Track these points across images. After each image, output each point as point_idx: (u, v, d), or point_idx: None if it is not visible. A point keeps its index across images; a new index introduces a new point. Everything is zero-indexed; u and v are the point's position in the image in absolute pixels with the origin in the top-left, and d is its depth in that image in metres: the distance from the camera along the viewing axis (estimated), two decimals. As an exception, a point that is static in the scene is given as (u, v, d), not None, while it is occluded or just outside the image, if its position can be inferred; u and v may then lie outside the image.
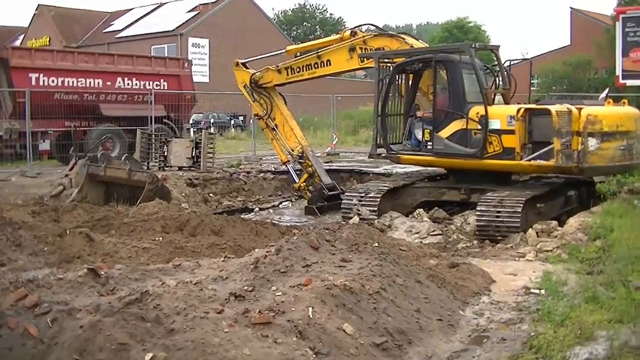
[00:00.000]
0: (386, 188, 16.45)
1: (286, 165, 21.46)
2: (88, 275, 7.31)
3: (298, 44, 20.77)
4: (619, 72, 29.10)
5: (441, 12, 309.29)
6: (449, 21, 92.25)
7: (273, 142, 21.33)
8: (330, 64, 19.28)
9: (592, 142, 14.53)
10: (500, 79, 17.12)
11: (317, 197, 19.91)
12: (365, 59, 18.35)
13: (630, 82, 29.70)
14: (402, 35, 18.14)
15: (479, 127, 15.55)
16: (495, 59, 17.40)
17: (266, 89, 20.85)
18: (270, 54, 21.59)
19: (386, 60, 17.64)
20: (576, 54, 67.84)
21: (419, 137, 16.95)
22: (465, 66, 16.20)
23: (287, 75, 20.25)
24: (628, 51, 28.59)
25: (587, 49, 65.30)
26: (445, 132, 16.24)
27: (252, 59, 22.06)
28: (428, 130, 16.63)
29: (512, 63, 17.98)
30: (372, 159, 19.42)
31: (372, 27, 19.06)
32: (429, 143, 16.59)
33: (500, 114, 15.46)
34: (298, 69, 19.97)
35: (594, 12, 78.21)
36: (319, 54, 19.40)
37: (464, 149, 15.87)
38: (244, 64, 21.55)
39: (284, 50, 21.35)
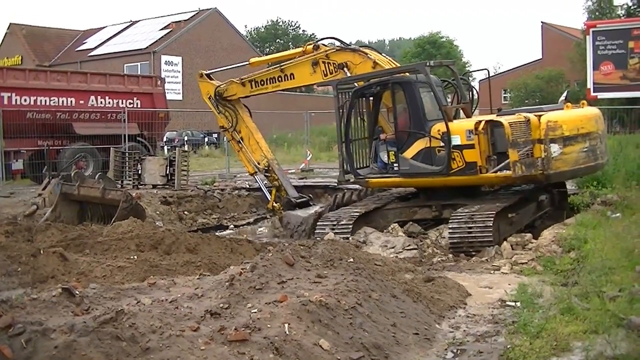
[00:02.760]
0: (358, 214, 16.37)
1: (254, 177, 21.32)
2: (62, 294, 7.27)
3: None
4: (590, 85, 29.47)
5: (414, 27, 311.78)
6: (421, 37, 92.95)
7: (239, 154, 21.14)
8: (293, 78, 19.13)
9: (555, 148, 14.58)
10: (460, 93, 17.27)
11: (287, 209, 19.85)
12: (328, 73, 18.26)
13: (601, 95, 30.05)
14: (365, 50, 18.03)
15: (442, 144, 15.58)
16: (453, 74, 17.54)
17: (231, 101, 20.71)
18: (233, 66, 21.45)
19: (345, 86, 17.69)
20: (548, 68, 68.53)
21: (385, 159, 16.98)
22: (423, 85, 16.24)
23: (251, 88, 20.12)
24: (599, 64, 28.96)
25: (559, 63, 66.00)
26: (409, 152, 16.28)
27: (216, 70, 21.97)
28: (393, 152, 16.68)
29: (469, 74, 18.17)
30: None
31: (335, 42, 18.94)
32: (394, 164, 16.63)
33: (460, 130, 15.46)
34: (262, 82, 19.84)
35: (565, 26, 78.94)
36: (282, 67, 19.27)
37: (430, 167, 15.90)
38: (208, 75, 21.35)
39: (247, 63, 21.19)
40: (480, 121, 15.32)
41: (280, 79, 19.38)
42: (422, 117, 16.21)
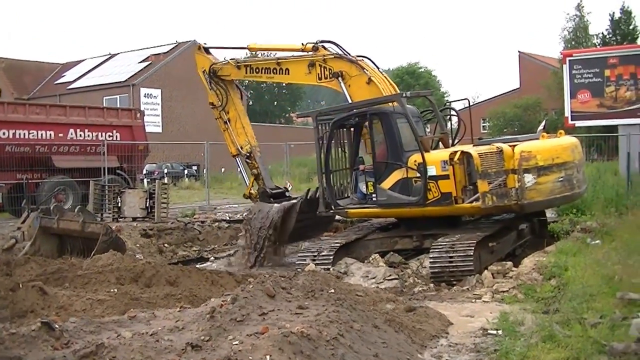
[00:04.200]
0: (338, 245, 16.36)
1: (235, 158, 21.54)
2: (42, 329, 7.21)
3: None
4: (567, 113, 29.65)
5: (392, 58, 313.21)
6: (400, 67, 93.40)
7: (225, 133, 21.28)
8: (288, 73, 19.28)
9: (529, 178, 14.64)
10: (439, 124, 17.41)
11: (262, 199, 20.05)
12: (323, 78, 18.38)
13: (579, 123, 30.24)
14: (362, 63, 18.02)
15: (418, 174, 15.64)
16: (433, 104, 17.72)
17: (224, 81, 20.77)
18: (233, 47, 21.31)
19: (324, 117, 17.80)
20: (526, 97, 69.09)
21: (364, 190, 17.03)
22: (400, 116, 16.32)
23: (246, 73, 20.35)
24: (576, 93, 29.18)
25: (537, 91, 66.59)
26: (387, 183, 16.37)
27: (214, 47, 21.91)
28: (371, 183, 16.73)
29: (450, 104, 18.30)
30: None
31: (335, 47, 18.82)
32: (373, 195, 16.66)
33: (435, 160, 15.51)
34: (257, 70, 19.96)
35: (541, 55, 79.75)
36: (279, 61, 19.39)
37: (407, 197, 15.95)
38: (206, 50, 21.42)
39: (246, 46, 21.14)
40: (456, 152, 15.36)
41: (275, 71, 19.51)
42: (399, 147, 16.32)
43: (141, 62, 69.90)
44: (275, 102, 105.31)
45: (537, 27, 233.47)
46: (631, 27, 66.28)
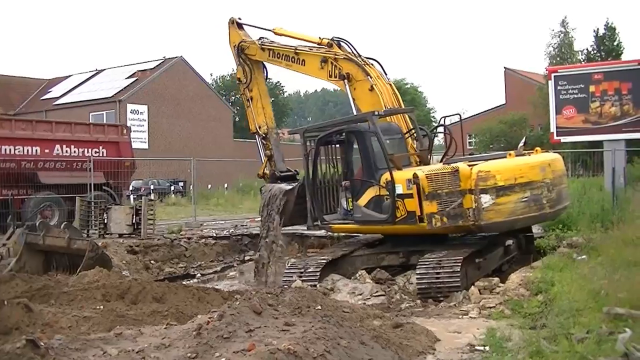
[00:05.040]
0: (325, 261, 16.36)
1: (255, 136, 21.81)
2: (27, 346, 7.17)
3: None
4: (553, 129, 29.74)
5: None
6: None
7: (247, 110, 21.70)
8: (304, 65, 19.44)
9: (486, 199, 14.44)
10: (417, 141, 17.46)
11: (271, 181, 20.32)
12: (333, 76, 18.58)
13: (564, 139, 30.35)
14: (368, 69, 18.18)
15: (389, 193, 15.68)
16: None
17: (250, 59, 20.95)
18: (260, 27, 21.24)
19: (311, 134, 17.91)
20: (511, 112, 69.34)
21: (345, 206, 17.10)
22: (374, 134, 16.36)
23: (268, 56, 20.44)
24: (561, 108, 29.27)
25: (522, 107, 66.85)
26: (363, 200, 16.47)
27: (245, 23, 21.74)
28: (350, 199, 16.81)
29: (445, 119, 18.32)
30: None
31: (348, 48, 18.85)
32: (351, 211, 16.77)
33: (402, 179, 15.47)
34: (278, 55, 20.12)
35: (527, 71, 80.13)
36: (297, 51, 19.51)
37: (379, 215, 16.00)
38: (239, 25, 21.48)
39: (272, 29, 21.15)
40: (418, 171, 15.32)
41: (293, 60, 19.69)
42: (373, 165, 16.40)
43: (128, 78, 69.85)
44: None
45: (523, 44, 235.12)
46: (615, 43, 66.70)
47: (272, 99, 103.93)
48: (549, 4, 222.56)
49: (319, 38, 19.33)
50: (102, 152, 28.72)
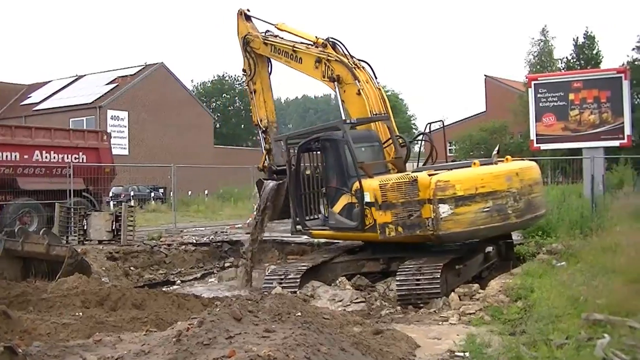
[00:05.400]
0: (305, 267, 16.35)
1: (257, 129, 22.02)
2: (4, 353, 7.13)
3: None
4: (533, 136, 29.96)
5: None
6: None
7: (251, 102, 21.83)
8: (301, 63, 19.46)
9: (444, 209, 14.30)
10: (394, 148, 17.51)
11: (268, 174, 20.31)
12: (326, 76, 18.58)
13: (544, 146, 30.58)
14: (358, 70, 18.30)
15: (358, 201, 15.70)
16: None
17: (255, 52, 20.98)
18: (265, 21, 21.26)
19: (294, 141, 17.97)
20: (492, 120, 69.66)
21: (323, 212, 17.23)
22: (345, 142, 16.43)
23: (270, 51, 20.47)
24: (541, 116, 29.50)
25: (502, 115, 67.20)
26: (337, 207, 16.52)
27: (252, 16, 21.69)
28: (327, 205, 16.95)
29: (430, 127, 18.35)
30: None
31: (342, 49, 18.91)
32: (327, 218, 16.87)
33: (369, 187, 15.44)
34: (279, 51, 20.15)
35: (507, 79, 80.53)
36: (295, 48, 19.57)
37: (350, 222, 16.02)
38: (247, 16, 21.49)
39: (275, 24, 21.10)
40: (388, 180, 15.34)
41: (291, 57, 19.72)
42: (345, 173, 16.47)
43: (108, 84, 69.66)
44: (242, 125, 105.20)
45: (503, 51, 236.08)
46: (594, 52, 67.22)
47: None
48: (530, 12, 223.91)
49: (315, 37, 19.43)
50: (82, 158, 28.58)
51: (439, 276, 14.11)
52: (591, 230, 18.34)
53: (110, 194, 40.13)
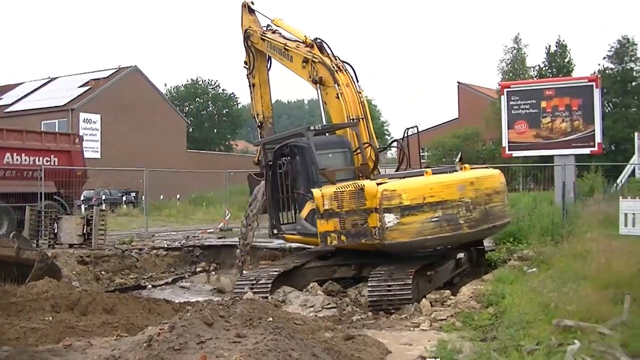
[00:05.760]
0: (277, 273, 16.30)
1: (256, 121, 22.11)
2: (-27, 358, 7.06)
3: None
4: (505, 143, 30.15)
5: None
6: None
7: (250, 95, 22.08)
8: (292, 61, 19.51)
9: (390, 218, 14.25)
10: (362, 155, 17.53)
11: (261, 169, 20.08)
12: (312, 76, 18.65)
13: (516, 153, 30.80)
14: (339, 73, 18.31)
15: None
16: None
17: (254, 46, 21.11)
18: (265, 15, 21.30)
19: (271, 146, 18.12)
20: (464, 127, 70.04)
21: (294, 217, 17.34)
22: (317, 147, 16.57)
23: (267, 47, 20.61)
24: (513, 123, 29.69)
25: (475, 122, 67.61)
26: (303, 213, 16.71)
27: (254, 9, 21.79)
28: (296, 211, 17.13)
29: (408, 133, 18.35)
30: (267, 235, 19.52)
31: (327, 51, 18.99)
32: (295, 223, 17.00)
33: (315, 196, 15.48)
34: (274, 48, 20.27)
35: (480, 86, 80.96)
36: (286, 46, 19.65)
37: (312, 228, 16.03)
38: (251, 9, 21.60)
39: (272, 19, 21.31)
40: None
41: (283, 54, 19.85)
42: (310, 179, 16.60)
43: (81, 86, 69.18)
44: (215, 130, 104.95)
45: (476, 59, 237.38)
46: (566, 60, 67.91)
47: (226, 110, 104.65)
48: (503, 20, 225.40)
49: (304, 36, 19.47)
50: (54, 161, 28.41)
51: (410, 282, 14.15)
52: (562, 237, 18.46)
53: (82, 198, 39.87)
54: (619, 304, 11.55)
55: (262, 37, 20.66)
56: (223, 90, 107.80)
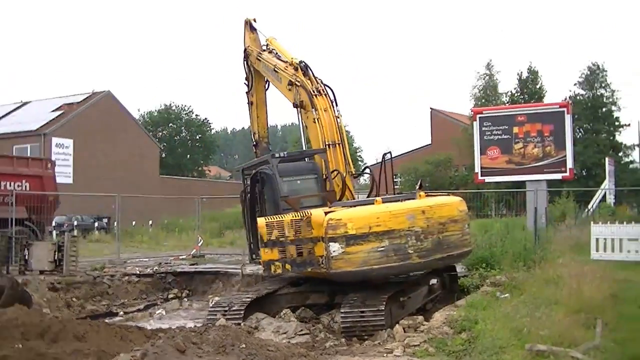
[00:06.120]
0: (249, 299, 16.24)
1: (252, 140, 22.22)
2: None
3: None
4: (477, 169, 30.34)
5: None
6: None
7: (249, 112, 22.06)
8: (281, 82, 19.42)
9: (335, 247, 14.12)
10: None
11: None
12: (294, 100, 18.61)
13: (488, 179, 30.97)
14: (317, 98, 18.16)
15: None
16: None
17: (253, 66, 21.18)
18: (264, 34, 21.27)
19: (250, 171, 18.20)
20: (437, 153, 70.33)
21: None
22: (282, 174, 16.67)
23: (262, 67, 20.58)
24: (485, 149, 29.91)
25: (447, 148, 67.95)
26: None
27: (255, 27, 21.90)
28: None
29: (385, 158, 18.33)
30: (238, 261, 19.48)
31: (310, 74, 18.81)
32: None
33: (269, 223, 15.60)
34: (267, 69, 20.19)
35: (453, 112, 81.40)
36: (276, 68, 19.54)
37: None
38: (252, 27, 21.70)
39: (267, 38, 21.31)
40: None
41: (274, 75, 19.77)
42: (275, 205, 16.64)
43: (54, 110, 68.86)
44: (189, 155, 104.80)
45: (449, 85, 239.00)
46: (538, 87, 68.47)
47: (199, 135, 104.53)
48: (475, 47, 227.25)
49: (291, 58, 19.40)
50: (25, 186, 28.17)
51: (383, 308, 14.13)
52: (534, 262, 18.55)
53: (53, 223, 39.60)
54: (591, 328, 11.65)
55: (258, 57, 20.69)
56: (196, 115, 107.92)
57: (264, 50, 20.89)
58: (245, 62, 21.51)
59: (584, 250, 22.38)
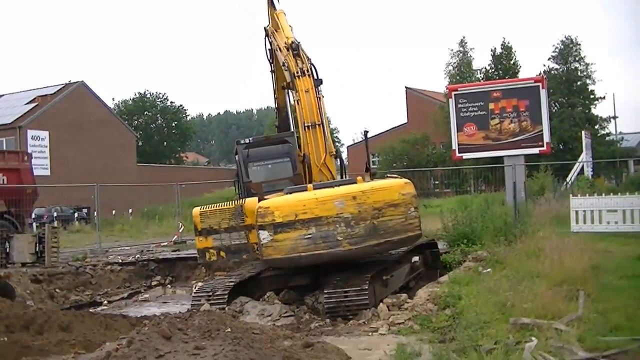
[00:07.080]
0: (233, 283, 16.18)
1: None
2: None
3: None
4: (455, 146, 30.44)
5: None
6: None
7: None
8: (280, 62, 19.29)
9: (264, 235, 14.29)
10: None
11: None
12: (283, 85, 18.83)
13: (466, 155, 31.07)
14: (305, 78, 17.80)
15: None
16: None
17: (271, 44, 20.86)
18: (274, 7, 20.97)
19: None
20: (413, 131, 70.46)
21: None
22: (254, 159, 17.12)
23: (275, 45, 20.18)
24: (462, 126, 30.01)
25: (424, 126, 68.06)
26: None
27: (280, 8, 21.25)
28: None
29: (366, 134, 18.38)
30: None
31: (302, 55, 18.53)
32: None
33: (203, 212, 15.96)
34: (276, 47, 19.85)
35: (428, 90, 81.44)
36: (279, 46, 19.31)
37: None
38: (272, 1, 21.22)
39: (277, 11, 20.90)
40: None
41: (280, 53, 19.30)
42: (244, 190, 17.18)
43: (28, 103, 68.48)
44: (165, 143, 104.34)
45: (423, 63, 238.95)
46: (512, 62, 68.70)
47: (175, 122, 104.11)
48: (448, 24, 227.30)
49: (287, 38, 19.02)
50: (2, 180, 27.98)
51: (366, 287, 14.16)
52: (515, 236, 18.65)
53: (33, 216, 39.39)
54: (574, 300, 11.75)
55: (273, 35, 20.48)
56: (171, 102, 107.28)
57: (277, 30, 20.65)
58: (265, 39, 21.21)
59: (564, 223, 22.55)
